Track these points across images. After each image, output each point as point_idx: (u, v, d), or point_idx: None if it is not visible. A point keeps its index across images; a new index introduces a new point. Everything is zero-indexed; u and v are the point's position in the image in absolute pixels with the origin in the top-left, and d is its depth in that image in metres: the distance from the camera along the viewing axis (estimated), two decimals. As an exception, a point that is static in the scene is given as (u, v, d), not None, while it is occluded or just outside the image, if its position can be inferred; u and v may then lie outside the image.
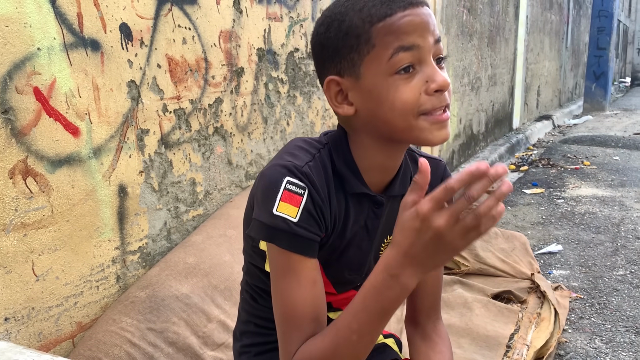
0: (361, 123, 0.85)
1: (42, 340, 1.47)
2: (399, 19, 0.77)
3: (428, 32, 0.79)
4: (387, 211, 0.93)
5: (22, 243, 1.40)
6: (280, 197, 0.81)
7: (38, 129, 1.42)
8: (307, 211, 0.81)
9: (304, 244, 0.82)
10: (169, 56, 1.77)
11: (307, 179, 0.82)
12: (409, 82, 0.79)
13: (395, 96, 0.79)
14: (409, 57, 0.78)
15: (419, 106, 0.79)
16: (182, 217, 1.88)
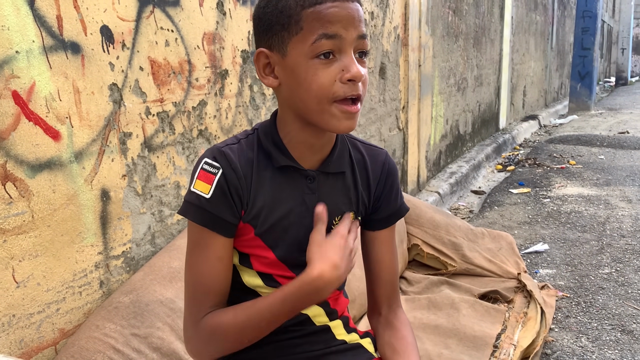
0: (283, 97, 0.93)
1: (23, 348, 1.45)
2: (327, 8, 0.83)
3: (352, 25, 0.84)
4: (326, 188, 0.97)
5: (2, 249, 1.38)
6: (197, 175, 0.90)
7: (17, 133, 1.39)
8: (219, 189, 0.88)
9: (214, 220, 0.89)
10: (152, 59, 1.76)
11: (223, 159, 0.90)
12: (327, 68, 0.85)
13: (313, 79, 0.85)
14: (329, 44, 0.84)
15: (333, 92, 0.85)
16: (167, 221, 1.86)
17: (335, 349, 1.02)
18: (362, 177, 1.01)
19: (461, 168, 4.84)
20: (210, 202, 0.88)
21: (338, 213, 0.98)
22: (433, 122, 4.49)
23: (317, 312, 1.01)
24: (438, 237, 2.70)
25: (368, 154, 1.03)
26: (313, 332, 1.00)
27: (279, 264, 0.95)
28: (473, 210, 4.13)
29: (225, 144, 0.93)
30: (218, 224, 0.90)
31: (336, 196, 0.98)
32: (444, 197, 4.18)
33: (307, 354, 0.99)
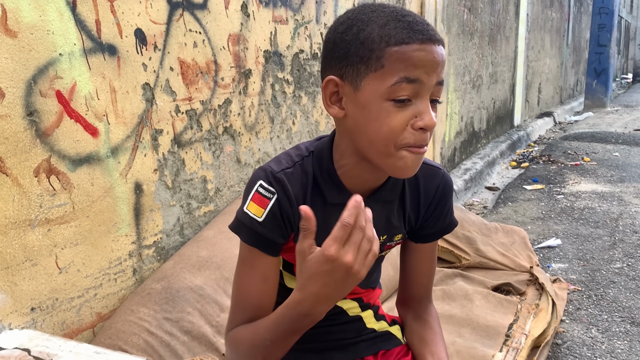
0: (347, 130, 0.89)
1: (65, 330, 1.56)
2: (413, 51, 0.79)
3: (434, 71, 0.82)
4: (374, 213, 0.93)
5: (46, 237, 1.49)
6: (251, 197, 0.90)
7: (60, 130, 1.50)
8: (272, 214, 0.89)
9: (264, 242, 0.91)
10: (181, 59, 1.85)
11: (279, 185, 0.89)
12: (401, 111, 0.82)
13: (385, 121, 0.82)
14: (409, 89, 0.81)
15: (402, 138, 0.83)
16: (194, 213, 1.96)
17: (366, 337, 1.09)
18: (412, 198, 1.00)
19: (475, 164, 4.89)
20: (262, 225, 0.89)
21: (384, 234, 0.99)
22: (448, 119, 4.55)
23: (351, 306, 1.07)
24: (453, 232, 2.77)
25: (423, 175, 1.00)
26: (346, 322, 1.07)
27: None
28: (487, 206, 4.20)
29: (281, 167, 0.92)
30: (267, 246, 0.91)
31: (381, 220, 0.98)
32: (458, 193, 4.25)
33: (340, 342, 1.07)
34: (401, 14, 0.82)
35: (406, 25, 0.80)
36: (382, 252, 1.03)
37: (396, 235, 1.02)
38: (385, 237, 1.00)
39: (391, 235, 1.01)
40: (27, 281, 1.45)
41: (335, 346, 1.06)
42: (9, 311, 1.42)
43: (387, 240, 1.01)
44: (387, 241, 1.02)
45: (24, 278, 1.44)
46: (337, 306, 1.04)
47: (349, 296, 1.05)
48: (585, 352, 2.13)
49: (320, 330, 1.04)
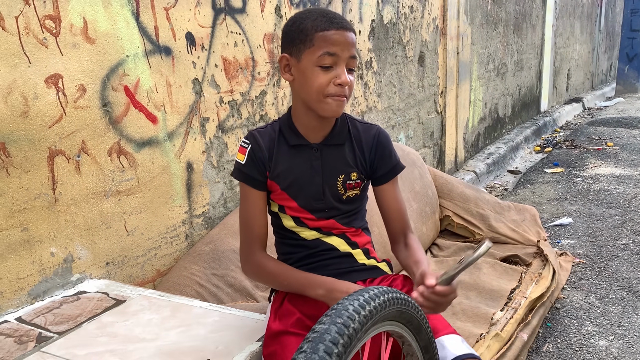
0: (295, 90, 1.31)
1: (132, 282, 1.90)
2: (332, 34, 1.21)
3: (346, 48, 1.22)
4: (329, 155, 1.33)
5: (117, 206, 1.83)
6: (238, 148, 1.35)
7: (127, 118, 1.83)
8: (250, 158, 1.32)
9: (248, 178, 1.32)
10: (224, 57, 2.17)
11: (252, 138, 1.33)
12: (325, 74, 1.22)
13: (316, 79, 1.22)
14: (330, 59, 1.22)
15: (327, 90, 1.23)
16: (235, 189, 2.28)
17: (358, 268, 1.40)
18: (358, 146, 1.36)
19: (499, 149, 5.10)
20: (244, 166, 1.32)
21: (341, 173, 1.34)
22: (471, 105, 4.77)
23: (338, 242, 1.39)
24: (467, 209, 3.04)
25: (362, 130, 1.38)
26: (339, 256, 1.39)
27: (302, 210, 1.34)
28: (507, 188, 4.42)
29: (257, 128, 1.36)
30: (250, 180, 1.32)
31: (338, 161, 1.34)
32: (480, 176, 4.48)
33: (335, 272, 1.36)
34: (326, 12, 1.24)
35: (328, 19, 1.22)
36: (346, 191, 1.35)
37: (352, 174, 1.35)
38: (343, 176, 1.34)
39: (348, 174, 1.34)
40: (103, 240, 1.79)
41: (331, 275, 1.34)
42: (90, 264, 1.76)
43: (345, 178, 1.34)
44: (345, 179, 1.34)
45: (101, 238, 1.79)
46: (327, 243, 1.37)
47: (335, 231, 1.38)
48: (581, 315, 2.38)
49: (320, 263, 1.37)
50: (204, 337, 1.39)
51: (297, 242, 1.39)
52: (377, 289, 0.97)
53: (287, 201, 1.35)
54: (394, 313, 1.00)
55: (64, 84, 1.64)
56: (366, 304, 0.92)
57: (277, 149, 1.33)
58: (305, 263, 1.37)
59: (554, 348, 2.15)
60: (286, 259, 1.40)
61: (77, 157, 1.69)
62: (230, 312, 1.52)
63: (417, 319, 1.07)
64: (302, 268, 1.35)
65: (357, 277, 1.38)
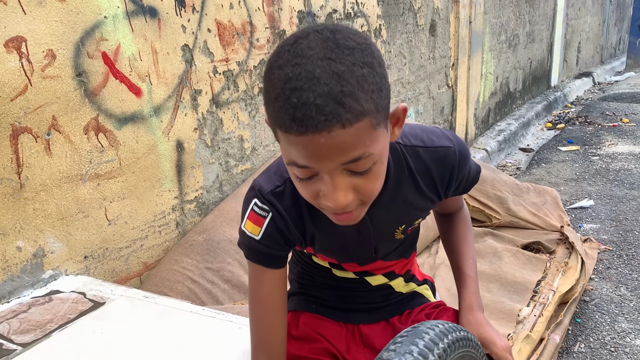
0: None
1: (114, 277, 1.68)
2: (293, 143, 0.68)
3: (326, 159, 0.69)
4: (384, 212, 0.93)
5: (96, 191, 1.59)
6: (247, 216, 0.90)
7: (106, 90, 1.58)
8: (268, 232, 0.89)
9: (264, 258, 0.91)
10: (218, 21, 1.91)
11: (271, 203, 0.88)
12: (307, 185, 0.75)
13: (297, 185, 0.77)
14: (304, 172, 0.72)
15: (319, 204, 0.77)
16: (232, 171, 2.04)
17: (393, 301, 1.12)
18: (426, 184, 0.95)
19: (510, 126, 4.85)
20: (260, 243, 0.90)
21: (401, 224, 0.98)
22: (483, 79, 4.50)
23: (382, 281, 1.09)
24: (484, 191, 2.80)
25: (432, 160, 0.93)
26: (374, 289, 1.10)
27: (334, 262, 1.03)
28: (520, 167, 4.18)
29: (271, 186, 0.89)
30: (269, 260, 0.92)
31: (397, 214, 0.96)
32: (491, 154, 4.24)
33: (367, 305, 1.10)
34: (293, 87, 0.66)
35: (290, 108, 0.66)
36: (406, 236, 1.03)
37: (417, 220, 1.01)
38: (404, 226, 0.99)
39: (410, 222, 1.00)
40: (80, 231, 1.56)
41: (362, 309, 1.10)
42: (65, 258, 1.53)
43: (407, 227, 1.00)
44: (407, 227, 1.00)
45: (77, 228, 1.55)
46: (367, 281, 1.07)
47: (379, 272, 1.06)
48: (612, 309, 2.16)
49: (348, 293, 1.09)
50: (193, 353, 1.16)
51: (326, 274, 1.08)
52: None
53: (322, 256, 1.01)
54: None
55: (28, 49, 1.38)
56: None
57: (310, 215, 0.90)
58: (327, 287, 1.09)
59: (587, 348, 1.94)
60: (306, 278, 1.11)
61: (46, 135, 1.45)
62: (227, 318, 1.30)
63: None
64: (327, 292, 1.08)
65: (393, 312, 1.11)
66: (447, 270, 2.22)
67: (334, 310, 1.10)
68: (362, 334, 1.10)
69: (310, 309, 1.11)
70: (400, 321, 1.10)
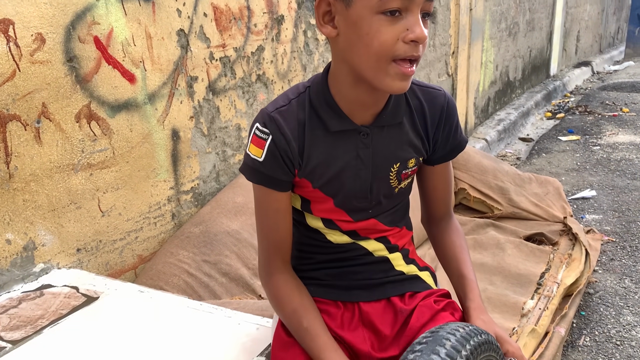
0: (340, 49, 0.89)
1: (109, 270, 1.62)
2: None
3: None
4: (381, 140, 0.97)
5: (89, 182, 1.53)
6: (250, 139, 0.94)
7: (99, 76, 1.52)
8: (270, 152, 0.92)
9: (269, 179, 0.94)
10: (214, 5, 1.84)
11: (272, 124, 0.92)
12: (391, 25, 0.81)
13: (376, 34, 0.82)
14: (398, 2, 0.80)
15: (394, 51, 0.82)
16: (229, 161, 1.99)
17: (393, 279, 1.07)
18: (421, 122, 1.00)
19: (509, 115, 4.80)
20: (263, 164, 0.92)
21: (396, 161, 0.99)
22: (482, 68, 4.44)
23: (377, 247, 1.06)
24: (485, 181, 2.75)
25: (426, 99, 1.00)
26: (372, 262, 1.06)
27: (338, 210, 1.00)
28: (520, 157, 4.14)
29: (275, 106, 0.93)
30: (272, 182, 0.94)
31: (393, 145, 0.98)
32: (491, 144, 4.19)
33: (366, 281, 1.06)
34: None
35: None
36: (399, 183, 1.02)
37: (409, 161, 1.01)
38: (399, 164, 0.99)
39: (405, 161, 1.00)
40: (72, 223, 1.50)
41: (361, 285, 1.06)
42: (57, 251, 1.48)
43: (401, 167, 1.00)
44: (401, 169, 1.00)
45: (69, 220, 1.50)
46: (362, 247, 1.04)
47: (374, 235, 1.05)
48: (617, 302, 2.13)
49: (346, 269, 1.05)
50: (191, 351, 1.11)
51: (321, 244, 1.05)
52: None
53: (318, 199, 1.00)
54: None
55: (15, 32, 1.32)
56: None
57: (310, 136, 0.94)
58: (329, 267, 1.05)
59: (592, 341, 1.91)
60: (304, 259, 1.08)
61: (36, 123, 1.39)
62: (225, 314, 1.25)
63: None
64: (325, 272, 1.05)
65: (394, 290, 1.06)
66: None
67: (332, 289, 1.06)
68: (362, 311, 1.04)
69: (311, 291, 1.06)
70: (402, 302, 1.05)
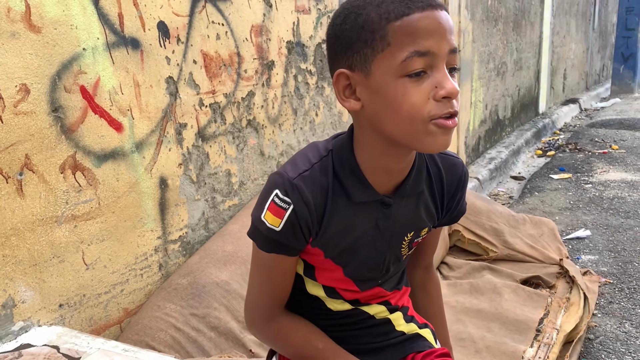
0: (366, 120, 0.85)
1: (92, 325, 1.56)
2: (417, 21, 0.76)
3: (444, 39, 0.77)
4: (401, 209, 0.94)
5: (73, 234, 1.48)
6: (267, 206, 0.87)
7: (85, 126, 1.49)
8: (289, 223, 0.86)
9: (283, 248, 0.89)
10: (204, 52, 1.83)
11: (295, 193, 0.85)
12: (418, 86, 0.78)
13: (404, 98, 0.78)
14: (422, 62, 0.77)
15: (427, 112, 0.78)
16: (219, 207, 1.95)
17: (394, 341, 1.04)
18: (439, 191, 0.98)
19: (500, 153, 4.81)
20: (279, 234, 0.87)
21: (411, 230, 0.97)
22: (472, 107, 4.47)
23: (378, 310, 1.03)
24: (479, 223, 2.72)
25: (444, 166, 0.98)
26: (374, 325, 1.03)
27: (346, 279, 0.96)
28: (513, 196, 4.12)
29: (297, 172, 0.87)
30: (286, 251, 0.90)
31: (411, 215, 0.96)
32: (483, 182, 4.17)
33: (367, 346, 1.02)
34: None
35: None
36: (409, 250, 0.99)
37: (423, 230, 0.98)
38: (413, 233, 0.96)
39: (418, 230, 0.98)
40: (54, 278, 1.45)
41: (362, 350, 1.02)
42: (38, 308, 1.42)
43: (414, 237, 0.97)
44: (414, 238, 0.97)
45: (52, 275, 1.44)
46: (364, 312, 1.00)
47: (375, 300, 1.01)
48: (619, 347, 2.07)
49: (347, 334, 1.01)
50: (177, 417, 1.05)
51: (319, 311, 1.00)
52: None
53: (326, 267, 0.95)
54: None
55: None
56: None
57: (332, 205, 0.89)
58: (327, 331, 1.00)
59: (595, 391, 1.84)
60: None
61: (18, 175, 1.35)
62: (213, 375, 1.19)
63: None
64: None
65: (395, 354, 1.02)
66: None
67: None
68: None
69: None
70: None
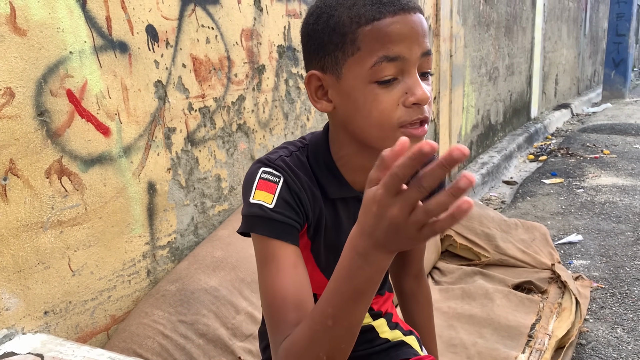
0: (339, 121, 0.84)
1: (79, 333, 1.53)
2: (387, 25, 0.73)
3: (416, 43, 0.75)
4: None
5: (59, 240, 1.46)
6: (255, 186, 0.82)
7: (71, 130, 1.47)
8: (282, 198, 0.81)
9: (282, 228, 0.81)
10: (194, 56, 1.81)
11: (282, 168, 0.83)
12: (388, 92, 0.76)
13: (373, 104, 0.76)
14: (392, 68, 0.75)
15: (397, 118, 0.76)
16: (209, 212, 1.93)
17: (379, 349, 1.02)
18: None
19: (492, 158, 4.81)
20: (274, 210, 0.81)
21: None
22: (464, 112, 4.47)
23: None
24: (471, 228, 2.72)
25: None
26: None
27: (323, 279, 0.91)
28: (505, 200, 4.12)
29: (278, 155, 0.86)
30: (287, 231, 0.82)
31: None
32: (475, 187, 4.18)
33: (351, 354, 1.01)
34: None
35: (373, 0, 0.74)
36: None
37: None
38: None
39: None
40: (39, 284, 1.42)
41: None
42: (22, 315, 1.39)
43: None
44: None
45: (37, 281, 1.42)
46: None
47: None
48: (610, 353, 2.07)
49: None
50: None
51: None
52: None
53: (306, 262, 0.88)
54: None
55: (-18, 87, 1.27)
56: None
57: (312, 195, 0.86)
58: None
59: (587, 397, 1.84)
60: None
61: (3, 180, 1.32)
62: (200, 384, 1.17)
63: None
64: None
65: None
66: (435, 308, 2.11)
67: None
68: None
69: None
70: None
